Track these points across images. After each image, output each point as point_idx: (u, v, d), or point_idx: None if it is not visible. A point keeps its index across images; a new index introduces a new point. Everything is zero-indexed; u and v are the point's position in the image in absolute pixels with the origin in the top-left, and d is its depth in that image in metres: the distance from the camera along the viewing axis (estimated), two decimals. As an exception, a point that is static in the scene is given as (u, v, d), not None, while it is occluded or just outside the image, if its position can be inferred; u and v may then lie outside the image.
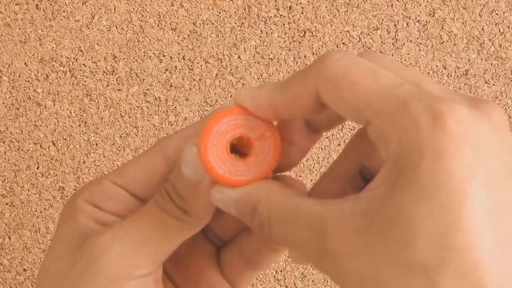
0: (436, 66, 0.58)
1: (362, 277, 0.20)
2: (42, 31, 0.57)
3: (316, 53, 0.58)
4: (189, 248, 0.30)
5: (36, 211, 0.57)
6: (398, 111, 0.20)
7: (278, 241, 0.23)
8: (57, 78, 0.57)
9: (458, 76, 0.59)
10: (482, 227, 0.19)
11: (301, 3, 0.57)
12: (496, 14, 0.58)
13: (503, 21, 0.58)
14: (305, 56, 0.58)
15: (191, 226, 0.26)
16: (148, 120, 0.57)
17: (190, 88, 0.57)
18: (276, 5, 0.57)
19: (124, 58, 0.57)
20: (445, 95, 0.21)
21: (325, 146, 0.58)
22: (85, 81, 0.57)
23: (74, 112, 0.57)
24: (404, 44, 0.58)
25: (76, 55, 0.57)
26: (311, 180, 0.58)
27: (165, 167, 0.28)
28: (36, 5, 0.56)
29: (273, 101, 0.24)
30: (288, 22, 0.58)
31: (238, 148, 0.26)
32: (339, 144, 0.58)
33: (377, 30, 0.58)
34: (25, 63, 0.57)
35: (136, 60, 0.57)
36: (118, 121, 0.57)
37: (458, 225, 0.19)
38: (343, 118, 0.25)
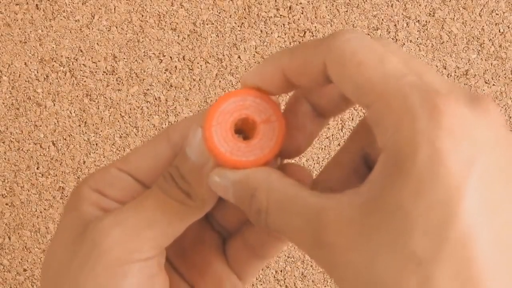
0: (436, 66, 0.58)
1: (357, 268, 0.20)
2: (42, 31, 0.57)
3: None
4: (195, 239, 0.29)
5: (36, 211, 0.57)
6: (397, 100, 0.20)
7: (274, 229, 0.23)
8: (57, 78, 0.57)
9: (458, 76, 0.59)
10: (478, 222, 0.19)
11: (301, 3, 0.57)
12: (496, 14, 0.58)
13: (503, 21, 0.58)
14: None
15: (195, 210, 0.26)
16: (148, 120, 0.57)
17: (190, 88, 0.57)
18: (276, 5, 0.57)
19: (124, 58, 0.57)
20: (445, 89, 0.21)
21: (325, 146, 0.58)
22: (85, 81, 0.57)
23: (74, 112, 0.57)
24: (404, 44, 0.58)
25: (76, 55, 0.57)
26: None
27: (170, 153, 0.28)
28: (36, 5, 0.56)
29: (282, 64, 0.24)
30: (288, 22, 0.58)
31: (244, 131, 0.26)
32: (339, 144, 0.58)
33: (377, 30, 0.58)
34: (25, 63, 0.57)
35: (136, 60, 0.57)
36: (118, 121, 0.57)
37: (454, 219, 0.19)
38: (349, 103, 0.26)
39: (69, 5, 0.57)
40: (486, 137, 0.20)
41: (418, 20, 0.58)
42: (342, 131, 0.58)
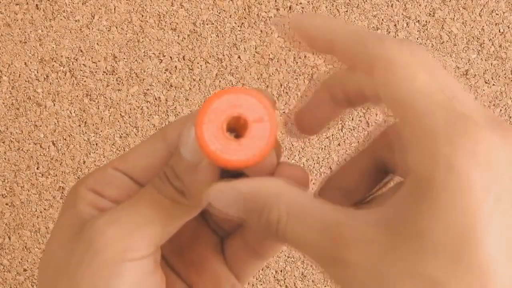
0: (436, 66, 0.58)
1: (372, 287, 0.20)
2: (42, 31, 0.57)
3: (316, 53, 0.58)
4: (192, 237, 0.29)
5: (36, 211, 0.57)
6: (424, 120, 0.21)
7: (288, 241, 0.23)
8: (57, 78, 0.57)
9: (458, 76, 0.59)
10: (494, 249, 0.19)
11: (301, 3, 0.57)
12: (496, 14, 0.58)
13: (503, 21, 0.58)
14: (305, 56, 0.58)
15: (189, 209, 0.26)
16: (148, 120, 0.57)
17: (190, 88, 0.57)
18: (276, 5, 0.57)
19: (124, 58, 0.57)
20: (473, 111, 0.21)
21: (325, 146, 0.58)
22: (85, 81, 0.57)
23: (74, 112, 0.57)
24: (404, 44, 0.58)
25: (76, 55, 0.57)
26: (311, 180, 0.58)
27: (166, 153, 0.28)
28: (36, 5, 0.56)
29: (335, 31, 0.24)
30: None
31: (236, 130, 0.26)
32: (339, 144, 0.58)
33: (377, 30, 0.58)
34: (25, 63, 0.57)
35: (136, 60, 0.57)
36: (118, 121, 0.57)
37: (471, 245, 0.19)
38: (369, 100, 0.26)
39: (69, 5, 0.57)
40: (505, 164, 0.20)
41: (418, 20, 0.58)
42: (342, 131, 0.58)
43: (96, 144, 0.57)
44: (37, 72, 0.57)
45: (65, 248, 0.26)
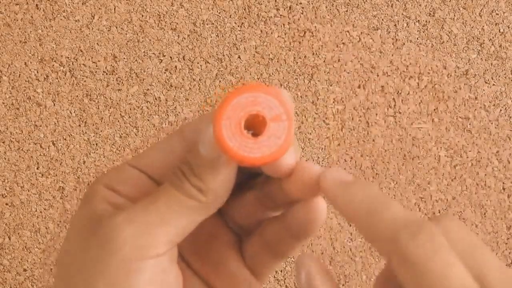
0: (436, 66, 0.58)
1: None
2: (42, 31, 0.57)
3: (316, 53, 0.58)
4: (210, 237, 0.30)
5: (36, 211, 0.57)
6: None
7: None
8: (57, 78, 0.57)
9: (458, 76, 0.59)
10: None
11: (301, 3, 0.57)
12: (496, 14, 0.58)
13: (503, 21, 0.58)
14: (305, 56, 0.58)
15: (207, 206, 0.26)
16: (148, 120, 0.57)
17: (190, 88, 0.57)
18: (276, 5, 0.57)
19: (124, 58, 0.57)
20: None
21: (325, 146, 0.58)
22: (85, 81, 0.57)
23: (74, 112, 0.57)
24: (404, 44, 0.58)
25: (76, 55, 0.57)
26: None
27: (184, 151, 0.28)
28: (36, 5, 0.56)
29: (358, 215, 0.24)
30: (288, 22, 0.58)
31: (254, 128, 0.26)
32: (339, 144, 0.58)
33: (377, 30, 0.58)
34: (25, 63, 0.57)
35: (136, 60, 0.57)
36: (118, 121, 0.57)
37: None
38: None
39: (69, 5, 0.57)
40: None
41: (418, 20, 0.58)
42: (342, 131, 0.58)
43: (96, 144, 0.57)
44: (37, 72, 0.57)
45: (81, 246, 0.26)
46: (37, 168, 0.57)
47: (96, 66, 0.57)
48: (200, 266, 0.29)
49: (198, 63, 0.57)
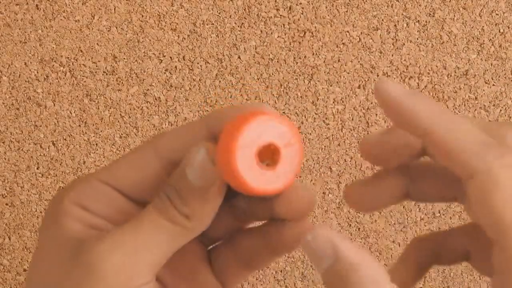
0: (436, 66, 0.58)
1: None
2: (42, 31, 0.57)
3: (316, 53, 0.58)
4: (182, 249, 0.28)
5: (36, 211, 0.57)
6: None
7: None
8: (57, 78, 0.57)
9: (458, 76, 0.59)
10: None
11: (301, 3, 0.57)
12: (496, 14, 0.58)
13: (503, 21, 0.58)
14: (305, 57, 0.58)
15: (192, 231, 0.26)
16: (148, 120, 0.57)
17: (190, 89, 0.57)
18: (276, 5, 0.57)
19: (124, 58, 0.57)
20: None
21: (325, 146, 0.58)
22: (85, 81, 0.57)
23: (74, 112, 0.57)
24: (404, 44, 0.58)
25: (76, 55, 0.57)
26: (311, 180, 0.58)
27: (159, 167, 0.26)
28: (36, 5, 0.56)
29: (431, 130, 0.23)
30: (288, 22, 0.58)
31: (264, 157, 0.25)
32: (339, 144, 0.58)
33: (377, 30, 0.58)
34: (25, 63, 0.57)
35: (136, 60, 0.57)
36: (118, 121, 0.57)
37: None
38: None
39: (69, 5, 0.57)
40: None
41: (418, 20, 0.58)
42: (342, 131, 0.58)
43: (96, 144, 0.57)
44: (37, 72, 0.57)
45: (58, 270, 0.25)
46: (37, 168, 0.57)
47: (96, 66, 0.57)
48: (170, 280, 0.28)
49: (198, 63, 0.57)
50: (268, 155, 0.25)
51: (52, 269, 0.25)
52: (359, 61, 0.58)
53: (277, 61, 0.58)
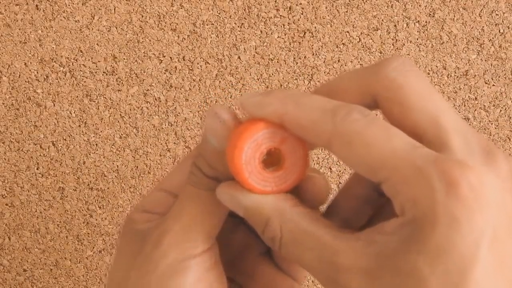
0: (436, 66, 0.58)
1: None
2: (42, 31, 0.57)
3: (316, 54, 0.58)
4: (242, 248, 0.31)
5: (36, 211, 0.57)
6: (413, 175, 0.22)
7: (289, 258, 0.24)
8: (57, 79, 0.57)
9: (458, 76, 0.59)
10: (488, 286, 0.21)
11: (301, 3, 0.57)
12: (496, 14, 0.58)
13: (503, 21, 0.58)
14: (305, 57, 0.58)
15: None
16: (148, 120, 0.57)
17: (190, 89, 0.57)
18: (276, 6, 0.57)
19: (124, 59, 0.57)
20: (460, 148, 0.22)
21: (325, 146, 0.58)
22: (85, 82, 0.57)
23: (74, 112, 0.57)
24: (404, 44, 0.58)
25: (76, 55, 0.57)
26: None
27: None
28: (36, 5, 0.56)
29: (284, 113, 0.24)
30: (288, 23, 0.58)
31: (268, 162, 0.26)
32: (339, 145, 0.58)
33: (377, 30, 0.58)
34: (25, 64, 0.57)
35: (136, 61, 0.57)
36: (118, 121, 0.57)
37: (466, 285, 0.21)
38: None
39: (69, 5, 0.57)
40: (497, 201, 0.21)
41: (418, 21, 0.58)
42: (342, 131, 0.58)
43: (96, 144, 0.57)
44: (37, 72, 0.57)
45: (129, 262, 0.28)
46: (37, 169, 0.57)
47: (96, 66, 0.57)
48: (241, 279, 0.31)
49: (198, 63, 0.57)
50: (274, 161, 0.26)
51: (125, 262, 0.28)
52: (359, 62, 0.58)
53: (277, 61, 0.58)
